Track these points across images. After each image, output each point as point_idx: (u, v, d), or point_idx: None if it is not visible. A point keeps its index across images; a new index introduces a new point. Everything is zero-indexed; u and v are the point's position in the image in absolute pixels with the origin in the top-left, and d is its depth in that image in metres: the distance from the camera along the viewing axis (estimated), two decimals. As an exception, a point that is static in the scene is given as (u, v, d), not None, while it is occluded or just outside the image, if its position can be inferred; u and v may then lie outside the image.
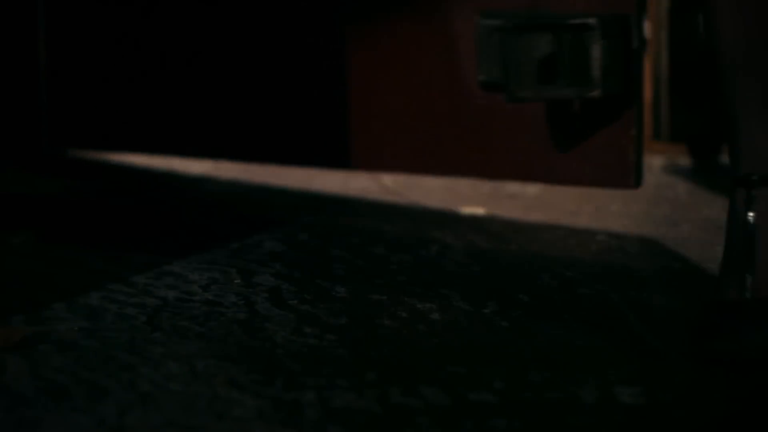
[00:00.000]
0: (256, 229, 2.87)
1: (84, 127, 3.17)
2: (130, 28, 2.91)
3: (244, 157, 2.78)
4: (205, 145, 2.80)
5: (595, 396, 1.28)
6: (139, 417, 1.19)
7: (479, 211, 3.32)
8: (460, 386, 1.32)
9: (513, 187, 4.05)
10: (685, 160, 4.32)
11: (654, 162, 4.30)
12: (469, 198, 3.76)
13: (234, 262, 2.31)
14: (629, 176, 2.39)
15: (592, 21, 2.12)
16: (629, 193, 2.80)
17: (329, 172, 3.22)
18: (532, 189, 4.02)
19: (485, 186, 4.14)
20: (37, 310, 1.75)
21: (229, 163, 3.03)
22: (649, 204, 3.03)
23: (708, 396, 1.30)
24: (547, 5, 2.29)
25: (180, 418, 1.19)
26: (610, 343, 1.55)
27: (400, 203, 3.08)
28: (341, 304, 1.84)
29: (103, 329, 1.63)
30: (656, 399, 1.27)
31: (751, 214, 1.39)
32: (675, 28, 3.45)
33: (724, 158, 4.07)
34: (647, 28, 3.31)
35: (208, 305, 1.82)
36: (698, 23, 3.42)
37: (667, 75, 3.55)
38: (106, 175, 3.48)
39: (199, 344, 1.53)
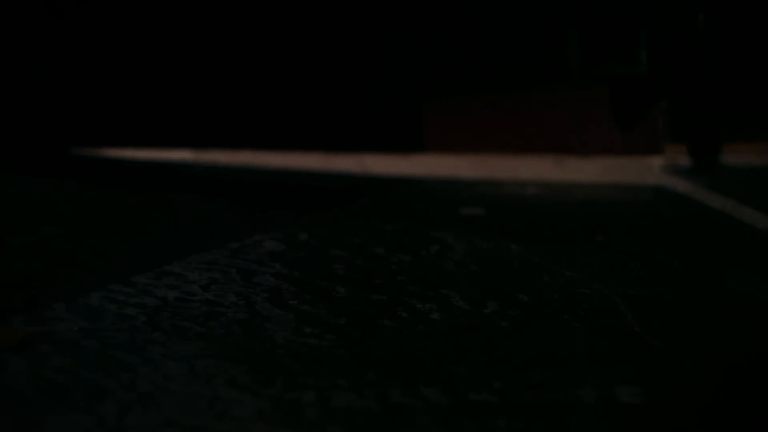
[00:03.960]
0: (256, 229, 2.87)
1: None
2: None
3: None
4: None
5: (595, 396, 1.28)
6: (139, 417, 1.19)
7: (479, 211, 3.33)
8: (460, 386, 1.32)
9: (512, 188, 4.07)
10: (684, 160, 4.32)
11: (654, 162, 4.30)
12: (469, 199, 3.76)
13: (234, 262, 2.31)
14: (656, 144, 3.41)
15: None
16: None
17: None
18: (531, 190, 4.04)
19: (485, 187, 4.15)
20: (37, 310, 1.75)
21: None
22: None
23: (708, 396, 1.30)
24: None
25: (180, 418, 1.19)
26: (610, 343, 1.55)
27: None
28: (341, 304, 1.83)
29: (103, 329, 1.62)
30: (656, 399, 1.27)
31: None
32: (675, 29, 3.46)
33: (724, 158, 4.07)
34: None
35: (208, 305, 1.82)
36: (698, 24, 3.42)
37: (669, 76, 3.55)
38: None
39: (199, 344, 1.53)
